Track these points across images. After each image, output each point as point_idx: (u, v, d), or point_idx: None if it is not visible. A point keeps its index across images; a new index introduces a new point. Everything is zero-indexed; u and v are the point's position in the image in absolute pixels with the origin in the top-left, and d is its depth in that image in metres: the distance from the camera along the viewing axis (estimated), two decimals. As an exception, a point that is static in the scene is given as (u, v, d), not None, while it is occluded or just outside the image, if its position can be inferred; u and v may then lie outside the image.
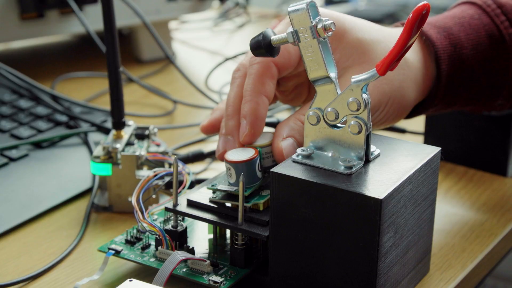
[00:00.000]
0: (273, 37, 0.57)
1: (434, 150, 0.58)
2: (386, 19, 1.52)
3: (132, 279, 0.55)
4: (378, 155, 0.57)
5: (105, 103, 0.94)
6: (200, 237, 0.63)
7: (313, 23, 0.54)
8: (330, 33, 0.55)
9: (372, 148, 0.57)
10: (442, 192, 0.74)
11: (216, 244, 0.62)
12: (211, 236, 0.62)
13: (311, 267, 0.55)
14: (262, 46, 0.57)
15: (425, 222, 0.59)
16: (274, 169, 0.55)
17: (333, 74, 0.56)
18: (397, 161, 0.56)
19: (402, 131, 0.84)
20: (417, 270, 0.59)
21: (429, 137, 0.80)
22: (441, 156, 0.59)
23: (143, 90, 0.98)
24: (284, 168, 0.55)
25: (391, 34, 0.66)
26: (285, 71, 0.63)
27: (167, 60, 1.06)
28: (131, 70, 1.06)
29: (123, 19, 1.04)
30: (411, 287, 0.59)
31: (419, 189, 0.56)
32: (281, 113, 0.91)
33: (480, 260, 0.63)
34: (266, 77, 0.61)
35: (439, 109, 0.71)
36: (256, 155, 0.59)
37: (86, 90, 0.98)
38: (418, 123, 0.88)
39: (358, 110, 0.54)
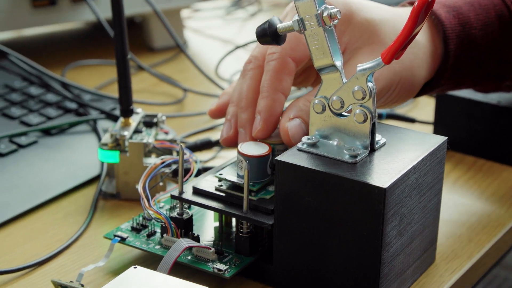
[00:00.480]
0: (279, 25, 0.57)
1: (440, 139, 0.58)
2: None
3: (136, 266, 0.56)
4: (384, 144, 0.57)
5: (115, 91, 0.93)
6: (206, 225, 0.63)
7: (319, 11, 0.54)
8: (336, 21, 0.54)
9: (378, 137, 0.57)
10: (450, 182, 0.73)
11: (222, 232, 0.62)
12: (217, 224, 0.62)
13: (315, 256, 0.55)
14: (268, 34, 0.57)
15: (430, 212, 0.58)
16: (279, 158, 0.55)
17: (338, 63, 0.55)
18: (402, 150, 0.56)
19: (412, 120, 0.83)
20: (423, 259, 0.59)
21: (438, 127, 0.79)
22: (448, 145, 0.59)
23: (154, 78, 0.98)
24: (289, 157, 0.55)
25: (399, 13, 0.66)
26: (301, 63, 0.62)
27: (179, 48, 1.06)
28: (142, 58, 1.06)
29: (134, 6, 1.04)
30: (416, 277, 0.59)
31: (424, 179, 0.56)
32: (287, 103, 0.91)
33: (487, 250, 0.63)
34: (284, 74, 0.61)
35: (446, 89, 0.71)
36: (270, 151, 0.59)
37: (96, 77, 0.98)
38: (428, 112, 0.88)
39: (363, 98, 0.54)
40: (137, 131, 0.72)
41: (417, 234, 0.57)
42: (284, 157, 0.55)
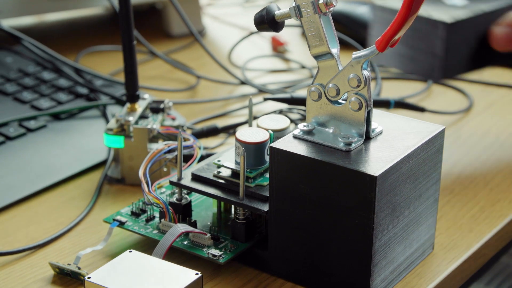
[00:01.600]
0: (277, 12, 0.56)
1: (437, 128, 0.57)
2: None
3: (131, 250, 0.56)
4: (380, 132, 0.57)
5: (122, 77, 0.94)
6: (206, 211, 0.63)
7: (315, -2, 0.54)
8: (331, 8, 0.54)
9: (374, 125, 0.56)
10: (455, 172, 0.73)
11: (221, 218, 0.62)
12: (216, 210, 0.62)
13: (309, 243, 0.55)
14: (266, 21, 0.57)
15: (427, 201, 0.58)
16: (273, 144, 0.55)
17: (334, 50, 0.55)
18: (398, 139, 0.56)
19: (421, 109, 0.83)
20: (420, 249, 0.59)
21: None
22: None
23: (169, 64, 0.99)
24: (283, 144, 0.55)
25: None
26: None
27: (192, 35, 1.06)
28: (160, 44, 1.06)
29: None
30: (413, 266, 0.59)
31: (420, 167, 0.56)
32: (301, 90, 0.91)
33: (487, 240, 0.63)
34: None
35: None
36: (267, 138, 0.60)
37: (111, 63, 0.99)
38: (440, 102, 0.87)
39: (358, 86, 0.54)
40: (143, 116, 0.73)
41: (413, 223, 0.57)
42: (279, 144, 0.55)
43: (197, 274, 0.53)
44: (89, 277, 0.53)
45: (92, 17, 1.20)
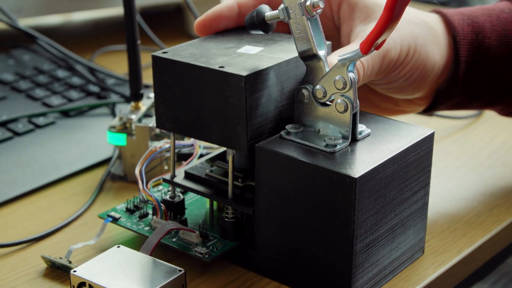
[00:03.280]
0: (267, 14, 0.57)
1: (426, 131, 0.57)
2: (452, 1, 1.48)
3: (120, 245, 0.57)
4: (368, 134, 0.57)
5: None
6: (200, 209, 0.64)
7: (302, 0, 0.55)
8: (319, 10, 0.55)
9: (362, 127, 0.57)
10: (459, 176, 0.73)
11: (213, 216, 0.63)
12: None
13: (293, 243, 0.56)
14: (256, 23, 0.57)
15: (416, 205, 0.58)
16: (259, 144, 0.55)
17: (322, 52, 0.56)
18: (385, 141, 0.56)
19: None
20: (408, 252, 0.59)
21: None
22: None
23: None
24: (269, 144, 0.55)
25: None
26: None
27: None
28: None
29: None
30: (401, 269, 0.59)
31: (406, 171, 0.56)
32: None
33: (479, 245, 0.62)
34: None
35: (462, 102, 0.70)
36: None
37: (126, 63, 1.00)
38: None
39: (344, 88, 0.54)
40: (148, 115, 0.74)
41: (400, 226, 0.57)
42: (264, 143, 0.55)
43: (180, 270, 0.54)
44: (74, 271, 0.54)
45: (115, 17, 1.21)
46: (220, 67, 0.55)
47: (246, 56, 0.57)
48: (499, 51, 0.68)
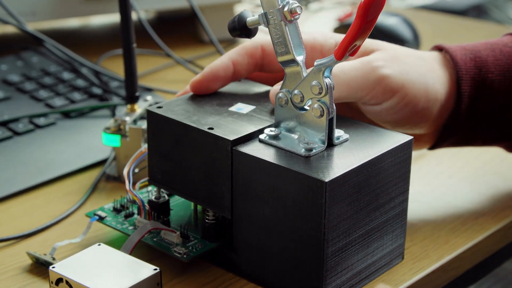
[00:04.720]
0: (248, 19, 0.58)
1: (404, 138, 0.58)
2: (471, 11, 1.48)
3: (100, 243, 0.59)
4: (346, 140, 0.57)
5: (147, 80, 0.97)
6: (185, 211, 0.65)
7: (280, 6, 0.55)
8: (297, 16, 0.56)
9: (340, 132, 0.57)
10: (448, 185, 0.73)
11: (197, 218, 0.64)
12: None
13: (268, 245, 0.56)
14: (238, 28, 0.58)
15: (393, 211, 0.59)
16: (236, 147, 0.56)
17: (300, 57, 0.56)
18: (361, 147, 0.56)
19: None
20: (386, 257, 0.59)
21: None
22: None
23: (191, 71, 1.01)
24: (246, 147, 0.56)
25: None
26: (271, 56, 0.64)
27: (229, 42, 1.09)
28: (192, 50, 1.09)
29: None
30: (378, 274, 0.59)
31: (381, 176, 0.56)
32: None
33: (460, 253, 0.63)
34: (245, 53, 0.64)
35: (466, 138, 0.69)
36: None
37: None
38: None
39: (320, 93, 0.55)
40: (143, 117, 0.75)
41: (375, 232, 0.57)
42: (241, 147, 0.56)
43: (155, 269, 0.55)
44: (53, 267, 0.56)
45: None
46: (209, 128, 0.57)
47: (236, 116, 0.59)
48: (502, 86, 0.67)
